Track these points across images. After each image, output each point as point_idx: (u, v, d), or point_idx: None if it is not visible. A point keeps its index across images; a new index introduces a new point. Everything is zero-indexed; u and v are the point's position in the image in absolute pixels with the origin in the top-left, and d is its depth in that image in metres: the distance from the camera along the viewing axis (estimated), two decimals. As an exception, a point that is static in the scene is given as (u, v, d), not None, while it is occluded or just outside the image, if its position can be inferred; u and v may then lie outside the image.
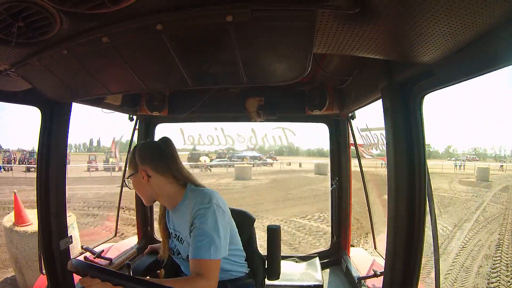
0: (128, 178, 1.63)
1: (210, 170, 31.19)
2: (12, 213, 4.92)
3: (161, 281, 1.44)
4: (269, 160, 43.10)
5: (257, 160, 42.37)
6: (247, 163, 35.81)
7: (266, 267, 1.98)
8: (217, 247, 1.42)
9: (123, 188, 2.77)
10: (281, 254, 2.07)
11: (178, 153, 1.68)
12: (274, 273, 2.00)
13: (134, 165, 1.59)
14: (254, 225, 2.03)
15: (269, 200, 14.13)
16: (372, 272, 2.16)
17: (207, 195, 1.53)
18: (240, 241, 1.74)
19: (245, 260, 1.78)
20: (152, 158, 1.57)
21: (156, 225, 3.00)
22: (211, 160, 39.29)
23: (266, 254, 2.01)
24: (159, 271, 2.16)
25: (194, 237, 1.44)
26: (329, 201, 2.94)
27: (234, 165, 30.44)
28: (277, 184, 19.85)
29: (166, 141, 1.65)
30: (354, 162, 2.79)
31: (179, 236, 1.63)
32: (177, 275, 1.84)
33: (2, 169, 27.28)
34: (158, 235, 2.91)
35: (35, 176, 1.83)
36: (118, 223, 3.12)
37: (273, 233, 1.99)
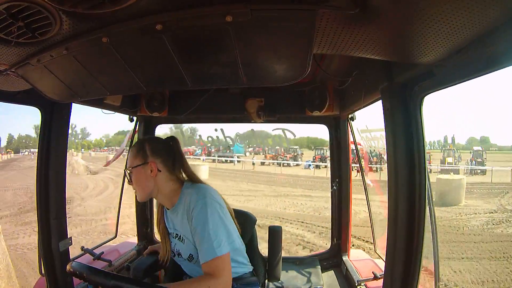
0: (133, 168, 1.57)
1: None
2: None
3: (170, 285, 1.45)
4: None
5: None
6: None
7: (267, 268, 1.97)
8: (219, 243, 1.43)
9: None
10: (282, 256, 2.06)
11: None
12: (275, 273, 2.00)
13: (143, 156, 1.56)
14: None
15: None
16: (372, 275, 2.15)
17: (200, 191, 1.54)
18: (243, 241, 1.74)
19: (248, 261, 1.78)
20: (164, 152, 1.59)
21: (156, 225, 2.99)
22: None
23: (266, 256, 2.00)
24: (159, 272, 2.15)
25: (197, 242, 1.46)
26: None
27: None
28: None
29: (174, 139, 1.68)
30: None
31: (179, 236, 1.62)
32: (177, 276, 1.84)
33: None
34: (157, 236, 2.90)
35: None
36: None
37: (274, 233, 1.98)
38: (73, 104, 1.84)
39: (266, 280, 1.98)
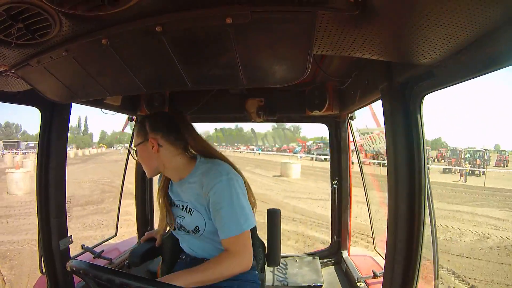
0: (136, 146, 1.57)
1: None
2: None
3: (190, 270, 1.39)
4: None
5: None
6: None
7: (266, 252, 1.96)
8: (244, 217, 1.43)
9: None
10: (281, 254, 2.07)
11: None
12: (275, 258, 1.98)
13: (144, 133, 1.54)
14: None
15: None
16: (372, 272, 2.16)
17: (221, 166, 1.51)
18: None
19: None
20: (164, 127, 1.54)
21: (156, 226, 3.00)
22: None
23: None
24: (158, 267, 2.16)
25: (219, 217, 1.43)
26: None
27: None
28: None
29: (180, 113, 1.63)
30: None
31: (186, 207, 1.57)
32: (175, 260, 1.82)
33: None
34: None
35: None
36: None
37: (273, 216, 1.95)
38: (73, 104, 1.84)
39: (265, 265, 1.96)
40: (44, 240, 1.82)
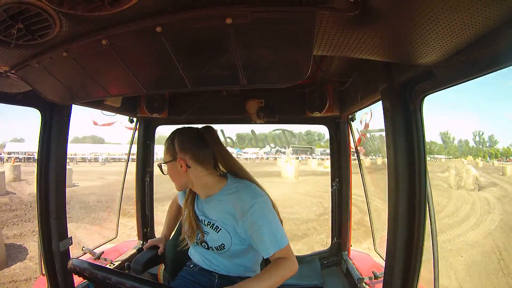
0: (165, 163, 1.57)
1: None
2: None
3: (257, 277, 1.42)
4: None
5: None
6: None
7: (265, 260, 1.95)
8: (283, 234, 1.49)
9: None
10: None
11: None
12: None
13: (172, 152, 1.53)
14: None
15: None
16: (372, 273, 2.16)
17: (253, 188, 1.54)
18: None
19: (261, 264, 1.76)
20: (193, 147, 1.52)
21: (156, 226, 3.02)
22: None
23: None
24: (158, 268, 2.16)
25: (259, 236, 1.45)
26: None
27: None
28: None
29: (208, 129, 1.61)
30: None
31: (213, 224, 1.56)
32: (179, 267, 1.82)
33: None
34: (158, 235, 2.90)
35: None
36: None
37: None
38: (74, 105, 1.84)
39: None
40: (44, 242, 1.82)
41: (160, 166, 1.60)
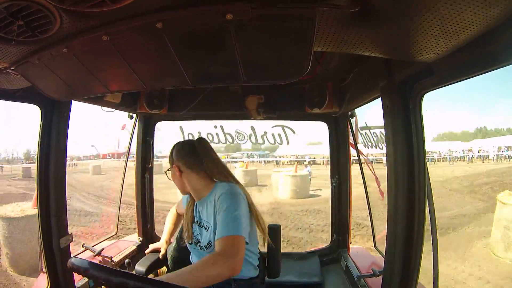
0: (166, 171, 1.83)
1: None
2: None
3: (178, 272, 1.36)
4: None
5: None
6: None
7: (266, 264, 1.99)
8: (239, 223, 1.50)
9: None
10: (281, 252, 2.08)
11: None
12: (275, 271, 2.03)
13: (171, 160, 1.79)
14: None
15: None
16: (372, 270, 2.17)
17: (229, 185, 1.68)
18: (257, 244, 1.80)
19: (258, 266, 1.80)
20: (185, 156, 1.75)
21: (156, 225, 3.04)
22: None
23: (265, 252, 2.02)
24: (158, 271, 2.18)
25: (219, 221, 1.55)
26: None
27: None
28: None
29: (200, 140, 1.84)
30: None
31: (203, 224, 1.74)
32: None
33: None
34: (158, 233, 2.92)
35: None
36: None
37: (274, 232, 2.01)
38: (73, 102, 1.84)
39: (266, 277, 1.99)
40: (45, 238, 1.82)
41: (166, 173, 1.84)
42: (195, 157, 1.74)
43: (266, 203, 13.20)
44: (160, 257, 2.09)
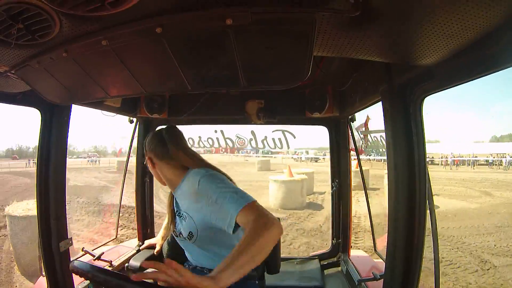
0: (145, 163, 1.77)
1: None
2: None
3: (234, 254, 1.13)
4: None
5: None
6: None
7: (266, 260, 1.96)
8: (242, 193, 1.39)
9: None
10: (281, 256, 2.07)
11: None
12: (274, 266, 2.00)
13: (144, 152, 1.74)
14: None
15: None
16: (372, 275, 2.15)
17: (204, 169, 1.56)
18: None
19: None
20: (155, 146, 1.68)
21: (156, 228, 3.02)
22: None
23: None
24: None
25: (217, 207, 1.37)
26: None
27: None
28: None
29: (168, 129, 1.73)
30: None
31: (181, 214, 1.65)
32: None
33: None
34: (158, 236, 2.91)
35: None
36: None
37: None
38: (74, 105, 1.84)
39: (265, 273, 1.97)
40: (44, 242, 1.81)
41: (146, 165, 1.76)
42: (164, 147, 1.66)
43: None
44: (155, 253, 2.04)
